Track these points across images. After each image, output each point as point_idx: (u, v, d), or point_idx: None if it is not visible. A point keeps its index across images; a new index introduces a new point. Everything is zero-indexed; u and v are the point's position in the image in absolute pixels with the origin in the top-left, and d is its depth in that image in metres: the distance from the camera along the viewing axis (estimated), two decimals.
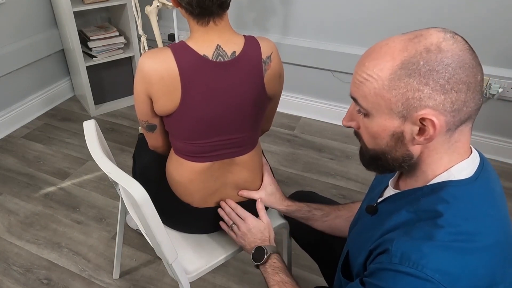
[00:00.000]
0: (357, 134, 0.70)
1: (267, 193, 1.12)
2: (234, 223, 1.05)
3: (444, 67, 0.56)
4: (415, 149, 0.63)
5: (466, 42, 0.59)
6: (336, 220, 1.04)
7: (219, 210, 1.10)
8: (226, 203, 1.09)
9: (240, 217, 1.05)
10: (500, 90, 1.89)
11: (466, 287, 0.55)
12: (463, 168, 0.63)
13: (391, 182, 0.75)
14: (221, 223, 1.09)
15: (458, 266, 0.56)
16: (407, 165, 0.65)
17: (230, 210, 1.07)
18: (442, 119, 0.58)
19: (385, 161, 0.66)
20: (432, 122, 0.57)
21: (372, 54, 0.61)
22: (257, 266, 0.96)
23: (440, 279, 0.54)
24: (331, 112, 2.39)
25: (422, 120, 0.58)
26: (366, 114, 0.64)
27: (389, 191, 0.75)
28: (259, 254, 0.97)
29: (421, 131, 0.60)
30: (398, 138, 0.62)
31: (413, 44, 0.58)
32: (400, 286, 0.57)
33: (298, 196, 1.17)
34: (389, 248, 0.60)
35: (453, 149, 0.63)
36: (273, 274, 0.92)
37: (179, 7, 0.93)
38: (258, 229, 1.02)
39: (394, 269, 0.58)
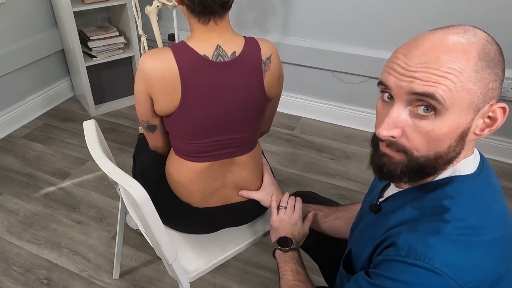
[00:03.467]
0: (393, 144, 0.61)
1: (267, 193, 1.13)
2: (285, 207, 1.07)
3: (500, 58, 0.58)
4: (466, 146, 0.62)
5: None
6: (336, 221, 1.04)
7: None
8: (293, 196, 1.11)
9: (293, 209, 1.07)
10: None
11: (472, 280, 0.55)
12: (468, 164, 0.64)
13: None
14: (274, 197, 1.11)
15: (465, 259, 0.56)
16: (444, 169, 0.63)
17: (292, 202, 1.08)
18: None
19: (432, 168, 0.61)
20: (504, 109, 0.58)
21: (438, 48, 0.57)
22: (275, 251, 0.98)
23: (447, 271, 0.54)
24: (331, 112, 2.39)
25: (493, 111, 0.59)
26: (437, 113, 0.57)
27: (392, 190, 0.74)
28: (284, 243, 0.98)
29: (485, 123, 0.60)
30: (462, 136, 0.59)
31: (471, 36, 0.57)
32: (407, 277, 0.57)
33: (298, 196, 1.17)
34: (396, 241, 0.59)
35: (468, 143, 0.62)
36: (290, 262, 0.93)
37: (180, 5, 0.93)
38: (298, 230, 1.03)
39: (402, 261, 0.57)
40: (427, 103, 0.57)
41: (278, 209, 1.08)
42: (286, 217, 1.05)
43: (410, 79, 0.57)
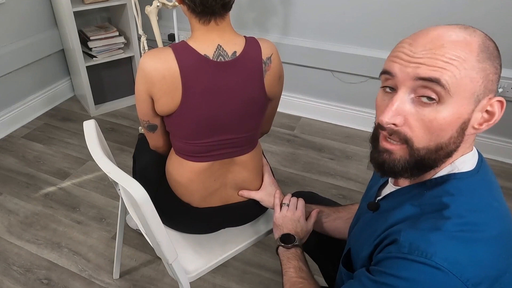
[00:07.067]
0: (395, 133, 0.61)
1: (267, 193, 1.13)
2: (287, 204, 1.07)
3: (498, 54, 0.59)
4: (465, 140, 0.62)
5: None
6: (336, 221, 1.05)
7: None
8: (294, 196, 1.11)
9: (296, 206, 1.07)
10: (500, 90, 1.89)
11: (474, 275, 0.55)
12: (466, 161, 0.64)
13: (390, 179, 0.76)
14: (277, 195, 1.11)
15: (466, 255, 0.56)
16: (443, 162, 0.63)
17: (294, 200, 1.09)
18: None
19: (432, 161, 0.61)
20: (501, 103, 0.59)
21: (443, 37, 0.58)
22: (278, 248, 0.98)
23: (449, 267, 0.54)
24: (331, 112, 2.39)
25: (491, 105, 0.59)
26: (440, 101, 0.57)
27: (389, 188, 0.75)
28: (287, 239, 0.98)
29: (483, 118, 0.60)
30: (463, 128, 0.59)
31: (471, 31, 0.59)
32: (409, 274, 0.57)
33: (298, 197, 1.17)
34: (397, 238, 0.60)
35: (466, 140, 0.63)
36: (293, 259, 0.93)
37: (181, 4, 0.93)
38: (301, 226, 1.03)
39: (404, 257, 0.57)
40: (431, 90, 0.57)
41: (281, 206, 1.08)
42: (289, 214, 1.05)
43: (416, 65, 0.58)
